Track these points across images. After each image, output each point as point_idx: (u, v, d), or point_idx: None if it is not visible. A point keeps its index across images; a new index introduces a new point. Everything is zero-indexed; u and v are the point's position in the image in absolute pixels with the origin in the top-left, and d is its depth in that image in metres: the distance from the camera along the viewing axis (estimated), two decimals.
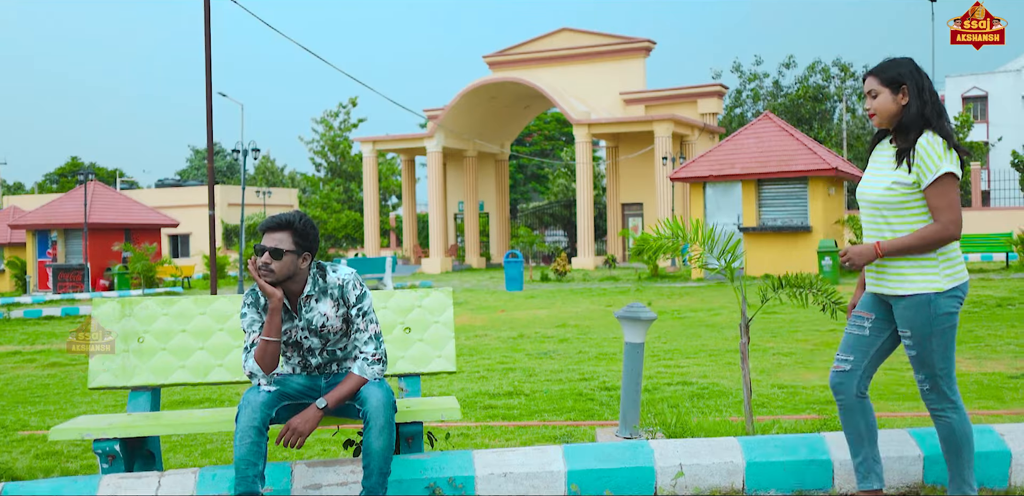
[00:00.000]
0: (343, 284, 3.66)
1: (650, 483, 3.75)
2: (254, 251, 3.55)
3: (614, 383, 7.40)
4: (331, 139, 49.05)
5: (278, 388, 3.57)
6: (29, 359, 11.11)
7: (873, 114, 3.39)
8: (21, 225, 31.34)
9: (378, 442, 3.43)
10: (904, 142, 3.32)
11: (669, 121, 32.63)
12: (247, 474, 3.39)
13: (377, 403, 3.46)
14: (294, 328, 3.66)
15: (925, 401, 3.39)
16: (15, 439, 6.06)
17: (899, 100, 3.34)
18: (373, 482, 3.46)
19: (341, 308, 3.67)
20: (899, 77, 3.34)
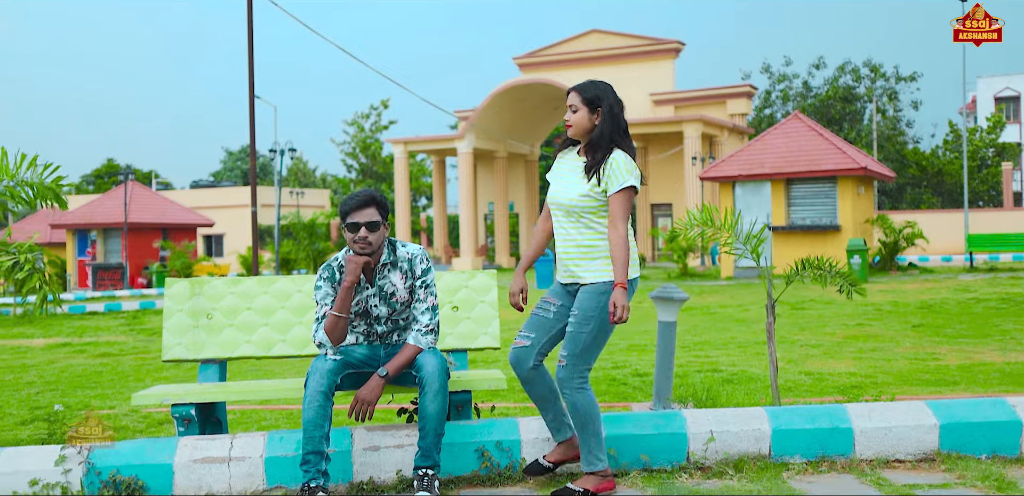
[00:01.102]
0: (412, 258, 4.03)
1: (682, 448, 4.04)
2: (347, 229, 3.90)
3: (646, 371, 7.68)
4: (362, 141, 49.63)
5: (343, 357, 3.90)
6: (80, 350, 11.56)
7: (570, 126, 3.81)
8: (61, 225, 32.10)
9: (433, 405, 3.75)
10: (592, 158, 3.77)
11: (698, 122, 32.80)
12: (314, 435, 3.72)
13: (432, 369, 3.78)
14: (365, 298, 3.99)
15: (557, 378, 3.77)
16: (82, 417, 6.44)
17: (593, 119, 3.79)
18: (429, 442, 3.78)
19: (408, 280, 4.02)
20: (597, 99, 3.79)
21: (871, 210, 24.03)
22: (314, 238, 28.69)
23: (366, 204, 3.93)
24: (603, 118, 3.78)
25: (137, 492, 3.85)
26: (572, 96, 3.82)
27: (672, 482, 3.90)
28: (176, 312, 4.57)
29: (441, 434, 3.81)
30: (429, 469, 3.78)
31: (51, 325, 15.64)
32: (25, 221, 39.12)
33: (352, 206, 3.92)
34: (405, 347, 3.91)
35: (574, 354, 3.73)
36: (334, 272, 4.00)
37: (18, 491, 3.84)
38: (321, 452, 3.73)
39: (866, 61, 46.58)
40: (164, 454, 3.92)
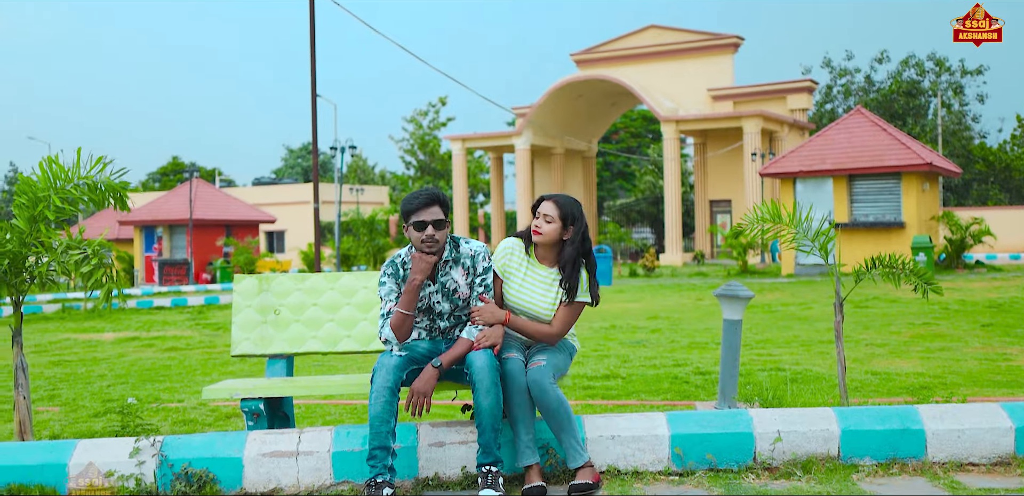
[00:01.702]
0: (475, 255, 4.07)
1: (749, 448, 3.99)
2: (413, 228, 3.94)
3: (708, 368, 7.61)
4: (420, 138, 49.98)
5: (408, 353, 3.94)
6: (148, 344, 11.83)
7: (539, 233, 4.07)
8: (129, 222, 32.90)
9: (486, 401, 3.78)
10: (564, 273, 4.07)
11: (758, 117, 32.37)
12: (380, 430, 3.76)
13: (482, 365, 3.81)
14: (427, 294, 4.03)
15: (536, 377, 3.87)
16: (151, 410, 6.61)
17: (563, 234, 4.08)
18: (487, 438, 3.81)
19: (470, 276, 4.06)
20: (571, 218, 4.08)
21: (936, 207, 23.49)
22: (374, 234, 28.98)
23: (431, 203, 3.96)
24: (573, 238, 4.07)
25: (208, 485, 3.93)
26: (548, 206, 4.08)
27: (739, 482, 3.86)
28: (244, 308, 4.66)
29: (499, 429, 3.82)
30: (491, 466, 3.80)
31: (120, 319, 16.03)
32: (94, 218, 40.19)
33: (417, 205, 3.95)
34: (459, 341, 3.95)
35: (550, 363, 3.93)
36: (398, 268, 4.04)
37: (94, 482, 3.94)
38: (387, 447, 3.77)
39: (930, 54, 45.54)
40: (234, 448, 4.00)
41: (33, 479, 3.96)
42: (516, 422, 3.91)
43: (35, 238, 4.59)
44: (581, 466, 3.86)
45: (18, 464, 3.98)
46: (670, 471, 3.99)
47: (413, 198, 3.98)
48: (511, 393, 3.89)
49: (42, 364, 9.91)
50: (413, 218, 3.95)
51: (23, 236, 4.56)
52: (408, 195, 4.03)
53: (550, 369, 3.91)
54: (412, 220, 3.95)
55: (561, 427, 3.88)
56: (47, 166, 4.63)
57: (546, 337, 4.06)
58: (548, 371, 3.90)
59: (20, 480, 3.96)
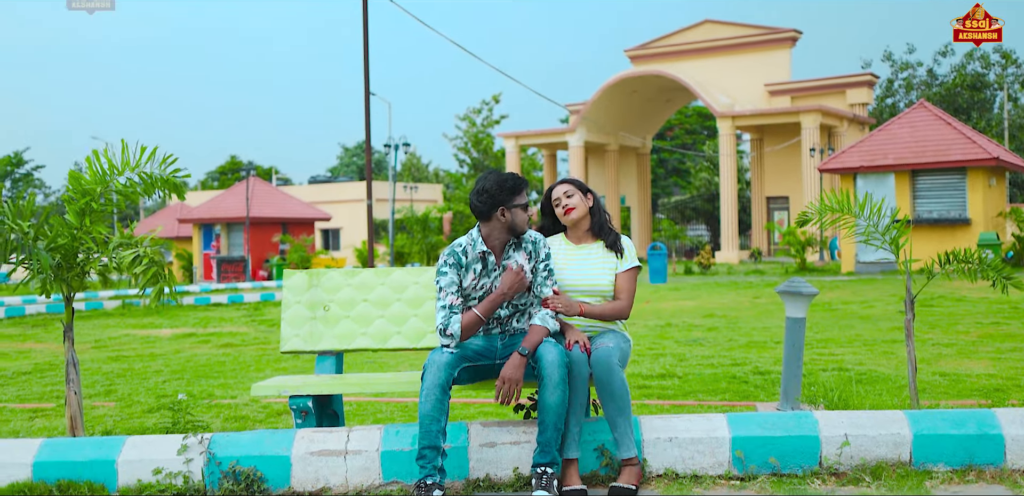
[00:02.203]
0: (535, 240, 4.02)
1: (815, 452, 3.81)
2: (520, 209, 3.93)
3: (768, 368, 7.39)
4: (474, 135, 49.99)
5: (459, 351, 3.83)
6: (204, 340, 11.92)
7: (572, 208, 4.13)
8: (188, 220, 33.44)
9: (553, 397, 3.64)
10: (607, 237, 4.17)
11: (816, 112, 31.75)
12: (431, 429, 3.65)
13: (552, 359, 3.67)
14: (491, 281, 3.95)
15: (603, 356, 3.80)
16: (204, 406, 6.60)
17: (587, 201, 4.20)
18: (548, 437, 3.67)
19: (531, 261, 3.98)
20: (585, 186, 4.25)
21: (1003, 203, 22.77)
22: (427, 232, 29.05)
23: (524, 186, 3.99)
24: (595, 203, 4.21)
25: (256, 483, 3.86)
26: (562, 186, 4.20)
27: (804, 488, 3.68)
28: (294, 303, 4.59)
29: (561, 429, 3.69)
30: (548, 467, 3.67)
31: (178, 316, 16.23)
32: (155, 216, 40.94)
33: (523, 186, 3.97)
34: (533, 328, 3.85)
35: (617, 346, 3.86)
36: (460, 257, 3.96)
37: (142, 479, 3.90)
38: (437, 447, 3.66)
39: (996, 47, 44.18)
40: (282, 446, 3.92)
41: (82, 475, 3.93)
42: (571, 413, 3.79)
43: (85, 232, 4.57)
44: (628, 460, 3.74)
45: (68, 460, 3.96)
46: (731, 475, 3.82)
47: (517, 177, 3.95)
48: (576, 381, 3.78)
49: (100, 359, 10.02)
50: (520, 199, 3.94)
51: (74, 230, 4.55)
52: (502, 175, 3.96)
53: (616, 351, 3.81)
54: (520, 201, 3.93)
55: (621, 411, 3.75)
56: (95, 159, 4.61)
57: (621, 311, 4.02)
58: (615, 353, 3.79)
59: (70, 476, 3.94)
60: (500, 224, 3.95)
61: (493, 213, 3.93)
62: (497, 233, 3.97)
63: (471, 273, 3.95)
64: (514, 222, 3.93)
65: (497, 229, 3.97)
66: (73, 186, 4.60)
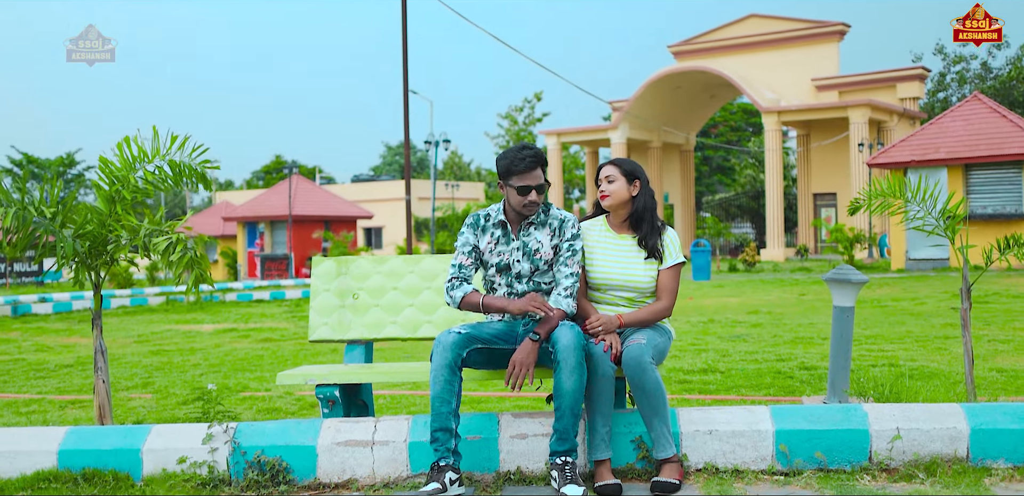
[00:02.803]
0: (564, 219, 3.87)
1: (864, 447, 3.60)
2: (517, 191, 3.74)
3: (815, 364, 7.15)
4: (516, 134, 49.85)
5: (470, 331, 3.68)
6: (244, 335, 11.94)
7: (606, 195, 3.91)
8: (232, 218, 33.75)
9: (569, 382, 3.49)
10: (640, 231, 3.90)
11: (865, 107, 31.13)
12: (441, 411, 3.52)
13: (568, 343, 3.51)
14: (509, 251, 3.83)
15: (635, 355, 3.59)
16: (238, 398, 6.54)
17: (631, 190, 3.90)
18: (566, 423, 3.52)
19: (555, 239, 3.83)
20: (634, 172, 3.92)
21: None
22: None
23: (536, 165, 3.76)
24: (641, 191, 3.91)
25: (281, 474, 3.75)
26: (608, 168, 3.95)
27: (852, 484, 3.47)
28: (323, 291, 4.48)
29: (578, 414, 3.54)
30: (567, 455, 3.52)
31: (220, 311, 16.32)
32: (201, 214, 41.38)
33: (525, 167, 3.75)
34: (554, 315, 3.68)
35: (651, 342, 3.67)
36: (479, 219, 3.90)
37: (167, 468, 3.82)
38: (449, 429, 3.53)
39: None
40: (308, 436, 3.81)
41: (107, 464, 3.85)
42: (594, 412, 3.61)
43: (114, 220, 4.51)
44: (667, 459, 3.56)
45: (93, 448, 3.88)
46: (774, 470, 3.63)
47: (520, 159, 3.74)
48: (594, 380, 3.58)
49: (141, 353, 10.06)
50: (517, 181, 3.75)
51: (102, 217, 4.49)
52: (510, 151, 3.79)
53: (649, 348, 3.61)
54: (516, 183, 3.75)
55: (656, 411, 3.57)
56: (125, 146, 4.54)
57: (661, 313, 3.83)
58: (648, 350, 3.59)
59: (94, 464, 3.87)
60: (505, 198, 3.85)
61: (499, 185, 3.85)
62: (508, 206, 3.86)
63: (487, 236, 3.86)
64: (509, 200, 3.80)
65: (507, 202, 3.86)
66: (103, 171, 4.54)
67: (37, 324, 14.68)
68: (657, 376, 3.56)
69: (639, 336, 3.69)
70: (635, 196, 3.91)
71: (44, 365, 9.20)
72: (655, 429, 3.58)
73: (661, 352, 3.75)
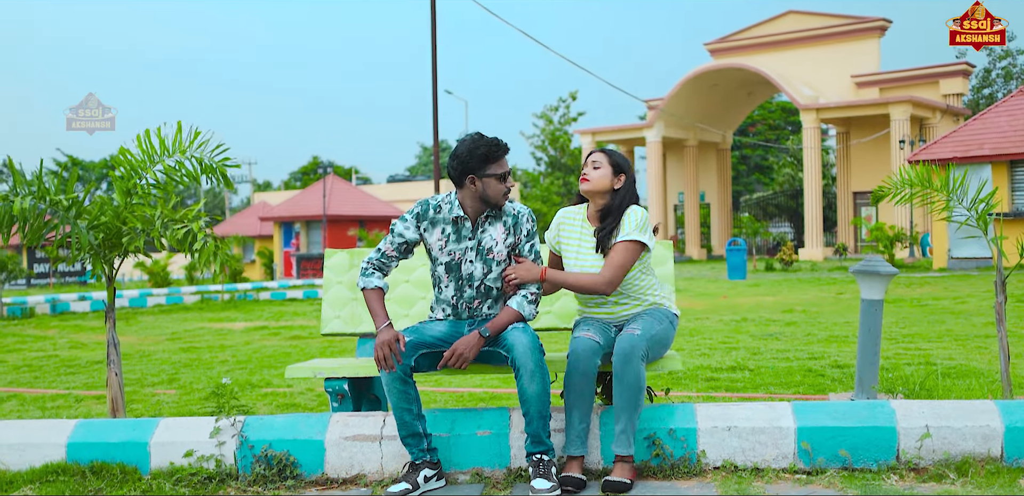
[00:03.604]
0: (518, 214, 3.72)
1: (891, 445, 3.44)
2: (496, 179, 3.61)
3: (847, 362, 6.96)
4: (551, 133, 49.69)
5: (414, 338, 3.55)
6: (275, 333, 11.96)
7: (587, 179, 3.75)
8: (269, 218, 34.00)
9: (531, 386, 3.41)
10: (604, 224, 3.71)
11: (907, 103, 30.56)
12: (404, 419, 3.50)
13: (524, 348, 3.41)
14: (461, 250, 3.67)
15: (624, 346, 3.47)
16: (260, 394, 6.51)
17: (614, 182, 3.76)
18: (536, 427, 3.45)
19: (511, 237, 3.69)
20: (622, 166, 3.78)
21: None
22: None
23: (506, 153, 3.65)
24: (624, 186, 3.77)
25: (288, 468, 3.68)
26: (597, 155, 3.82)
27: (878, 484, 3.32)
28: (335, 284, 4.40)
29: (547, 416, 3.45)
30: (543, 454, 3.44)
31: (253, 310, 16.40)
32: (239, 215, 41.76)
33: (502, 154, 3.62)
34: (506, 310, 3.58)
35: (647, 333, 3.53)
36: (429, 210, 3.70)
37: (175, 462, 3.76)
38: (417, 433, 3.51)
39: None
40: (316, 430, 3.74)
41: (115, 457, 3.81)
42: (571, 408, 3.50)
43: (130, 212, 4.47)
44: (622, 457, 3.43)
45: (101, 441, 3.84)
46: (796, 468, 3.48)
47: (495, 145, 3.60)
48: (572, 376, 3.47)
49: (172, 350, 10.10)
50: (497, 168, 3.60)
51: (118, 210, 4.45)
52: (480, 141, 3.62)
53: (643, 341, 3.47)
54: (497, 170, 3.60)
55: (628, 405, 3.44)
56: (144, 138, 4.50)
57: (595, 285, 3.59)
58: (641, 343, 3.45)
59: (103, 457, 3.82)
60: (472, 193, 3.64)
61: (463, 180, 3.63)
62: (470, 201, 3.66)
63: (437, 231, 3.69)
64: (485, 193, 3.62)
65: (470, 197, 3.66)
66: (121, 163, 4.50)
67: (74, 322, 14.85)
68: (641, 371, 3.43)
69: (636, 326, 3.55)
70: (616, 189, 3.76)
71: (76, 361, 9.27)
72: (621, 423, 3.45)
73: (660, 341, 3.60)
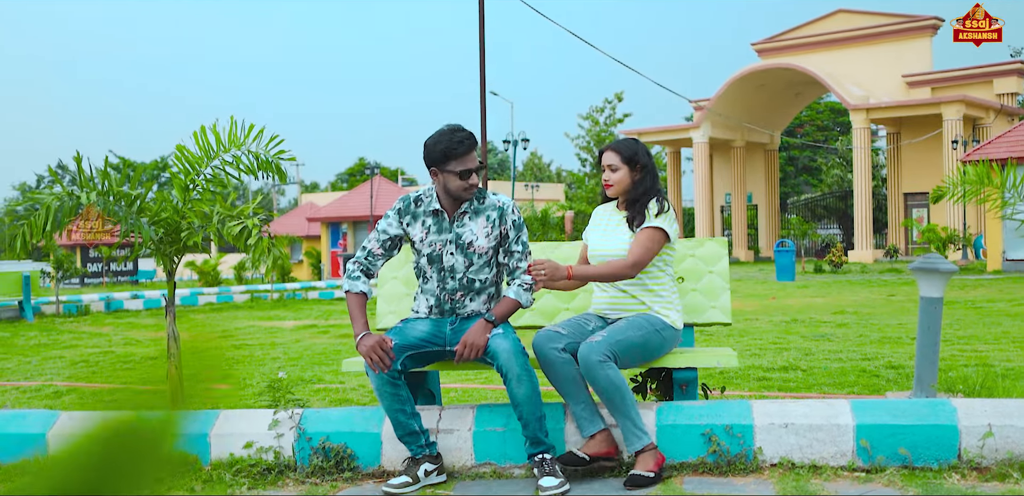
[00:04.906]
0: (503, 206, 3.71)
1: (952, 443, 3.39)
2: (459, 176, 3.59)
3: (902, 362, 6.86)
4: (597, 134, 49.61)
5: (398, 341, 3.58)
6: (324, 331, 12.09)
7: (610, 185, 3.82)
8: (316, 219, 34.37)
9: (520, 390, 3.43)
10: (632, 211, 3.78)
11: (960, 103, 30.02)
12: (399, 419, 3.56)
13: (507, 354, 3.44)
14: (442, 241, 3.68)
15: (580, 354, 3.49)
16: (313, 389, 6.60)
17: (633, 176, 3.81)
18: (532, 429, 3.48)
19: (495, 229, 3.69)
20: (635, 158, 3.81)
21: None
22: (547, 229, 28.90)
23: (474, 147, 3.62)
24: (642, 175, 3.82)
25: (346, 461, 3.73)
26: (609, 156, 3.84)
27: (939, 483, 3.27)
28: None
29: (541, 417, 3.48)
30: (544, 453, 3.47)
31: (302, 309, 16.59)
32: (287, 215, 42.25)
33: (463, 150, 3.58)
34: (505, 299, 3.63)
35: (611, 339, 3.51)
36: (410, 204, 3.74)
37: (234, 453, 3.83)
38: (414, 431, 3.57)
39: None
40: (372, 423, 3.78)
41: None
42: (567, 399, 3.56)
43: (189, 208, 4.56)
44: (641, 450, 3.44)
45: None
46: (854, 466, 3.45)
47: (456, 141, 3.57)
48: (542, 366, 3.53)
49: (224, 347, 10.25)
50: (457, 165, 3.58)
51: (177, 205, 4.54)
52: (443, 135, 3.60)
53: (603, 346, 3.45)
54: (456, 168, 3.58)
55: (615, 407, 3.46)
56: (201, 134, 4.59)
57: (619, 270, 3.63)
58: (599, 348, 3.45)
59: None
60: (439, 185, 3.66)
61: (430, 172, 3.66)
62: (442, 194, 3.68)
63: (419, 224, 3.71)
64: (447, 187, 3.62)
65: (440, 190, 3.68)
66: (178, 159, 4.60)
67: (128, 319, 15.15)
68: (609, 374, 3.42)
69: (601, 332, 3.56)
70: (636, 181, 3.82)
71: (131, 358, 9.45)
72: (620, 424, 3.49)
73: (635, 346, 3.57)
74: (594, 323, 3.75)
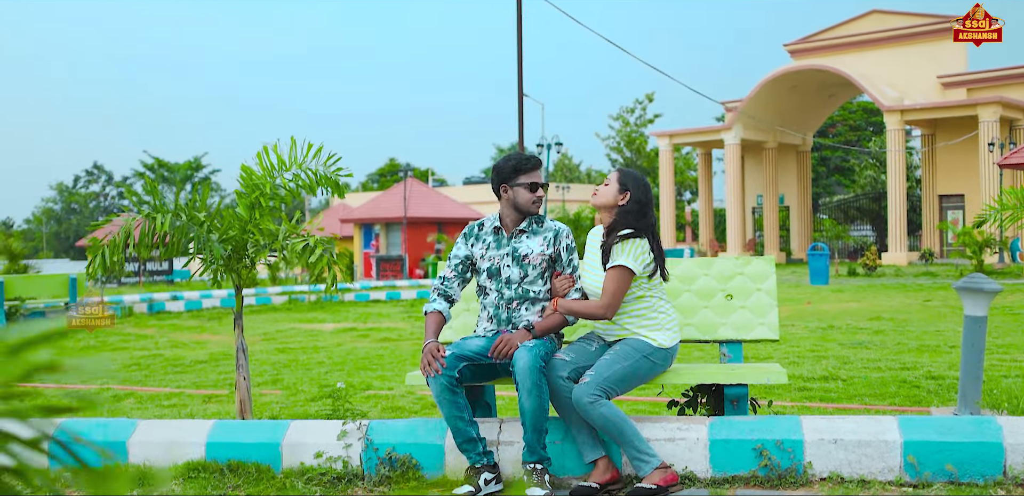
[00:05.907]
0: (558, 230, 4.10)
1: (998, 460, 3.53)
2: (527, 188, 4.02)
3: (942, 373, 6.95)
4: (627, 135, 49.64)
5: (455, 351, 3.86)
6: (364, 334, 12.31)
7: (595, 193, 4.01)
8: (349, 220, 34.71)
9: (527, 401, 3.67)
10: (609, 238, 3.89)
11: (996, 104, 29.77)
12: (458, 426, 3.78)
13: (524, 366, 3.68)
14: (500, 255, 4.05)
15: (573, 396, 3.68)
16: (363, 396, 6.80)
17: (619, 199, 3.94)
18: (530, 438, 3.71)
19: (550, 248, 4.04)
20: (627, 184, 3.96)
21: None
22: (578, 231, 29.02)
23: (539, 166, 4.08)
24: (627, 204, 3.92)
25: (411, 471, 3.92)
26: (613, 173, 4.05)
27: None
28: None
29: (541, 430, 3.71)
30: (537, 464, 3.71)
31: (339, 311, 16.85)
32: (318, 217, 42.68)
33: (532, 166, 4.05)
34: (555, 315, 3.95)
35: (599, 377, 3.70)
36: (473, 229, 4.17)
37: (304, 462, 4.03)
38: (472, 438, 3.79)
39: None
40: (435, 435, 3.97)
41: (250, 456, 4.10)
42: (569, 423, 3.81)
43: (255, 226, 4.77)
44: (593, 461, 3.73)
45: (237, 441, 4.14)
46: (902, 481, 3.59)
47: (526, 158, 4.05)
48: (558, 398, 3.77)
49: (268, 351, 10.50)
50: (525, 178, 4.03)
51: (243, 223, 4.76)
52: (511, 156, 4.08)
53: (591, 387, 3.67)
54: (525, 180, 4.02)
55: (616, 439, 3.69)
56: (264, 155, 4.80)
57: (593, 311, 3.84)
58: (588, 389, 3.66)
59: (239, 456, 4.12)
60: (507, 202, 4.06)
61: (499, 191, 4.07)
62: (507, 211, 4.09)
63: (480, 243, 4.11)
64: (516, 200, 4.02)
65: (507, 207, 4.08)
66: (244, 180, 4.81)
67: (171, 321, 15.48)
68: (602, 412, 3.62)
69: (590, 371, 3.73)
70: (620, 205, 3.95)
71: (180, 361, 9.72)
72: (627, 453, 3.69)
73: (623, 378, 3.74)
74: (596, 343, 3.99)
